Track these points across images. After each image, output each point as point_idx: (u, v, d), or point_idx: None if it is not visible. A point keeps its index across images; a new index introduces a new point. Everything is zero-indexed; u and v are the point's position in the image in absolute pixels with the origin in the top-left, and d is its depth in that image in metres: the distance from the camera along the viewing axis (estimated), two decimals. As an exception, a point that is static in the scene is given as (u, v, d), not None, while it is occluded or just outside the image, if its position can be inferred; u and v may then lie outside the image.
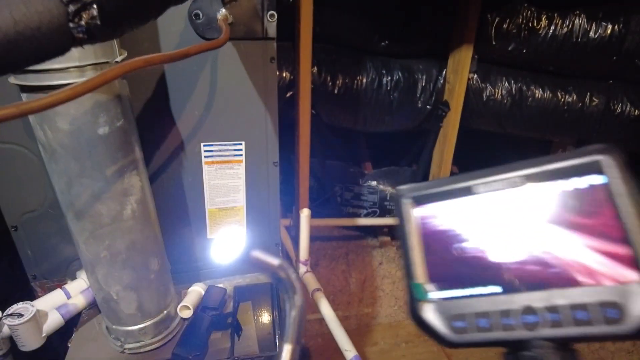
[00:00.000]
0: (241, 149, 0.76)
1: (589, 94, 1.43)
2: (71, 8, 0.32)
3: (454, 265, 0.29)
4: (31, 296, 0.80)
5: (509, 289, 0.27)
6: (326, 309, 0.92)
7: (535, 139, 1.92)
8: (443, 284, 0.30)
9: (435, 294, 0.30)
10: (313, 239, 2.06)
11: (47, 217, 0.75)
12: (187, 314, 0.77)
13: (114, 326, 0.71)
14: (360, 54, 1.49)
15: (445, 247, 0.30)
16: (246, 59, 0.70)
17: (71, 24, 0.33)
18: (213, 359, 0.74)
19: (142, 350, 0.72)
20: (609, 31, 1.30)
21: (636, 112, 1.40)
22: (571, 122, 1.48)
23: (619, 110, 1.41)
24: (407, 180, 1.83)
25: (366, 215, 1.93)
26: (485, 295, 0.28)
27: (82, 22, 0.33)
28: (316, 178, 1.89)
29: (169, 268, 0.75)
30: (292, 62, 1.39)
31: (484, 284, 0.28)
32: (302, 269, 1.03)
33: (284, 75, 1.42)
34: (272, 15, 0.68)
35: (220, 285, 0.85)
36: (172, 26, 0.66)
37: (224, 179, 0.77)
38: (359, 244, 2.11)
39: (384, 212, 1.90)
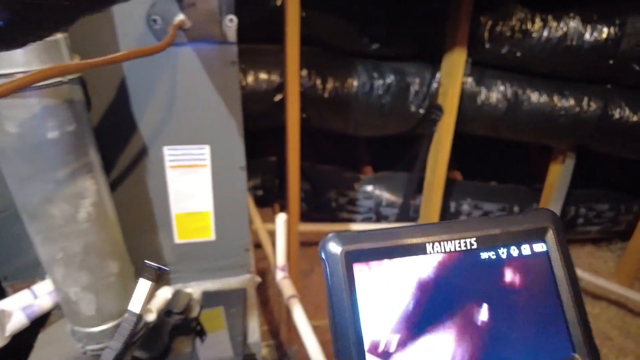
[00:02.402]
0: (205, 153, 0.76)
1: (586, 98, 1.39)
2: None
3: (397, 342, 0.25)
4: (3, 297, 0.82)
5: None
6: (299, 316, 0.91)
7: (535, 145, 1.87)
8: None
9: None
10: (310, 244, 2.05)
11: (17, 218, 0.76)
12: (150, 317, 0.77)
13: (75, 327, 0.72)
14: (350, 57, 1.48)
15: (386, 318, 0.25)
16: (206, 63, 0.70)
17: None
18: (173, 363, 0.73)
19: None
20: (604, 34, 1.26)
21: (634, 118, 1.35)
22: (568, 127, 1.44)
23: (617, 115, 1.37)
24: (403, 186, 1.81)
25: (362, 221, 1.91)
26: None
27: (-22, 30, 0.33)
28: (311, 182, 1.88)
29: (131, 271, 0.75)
30: (281, 66, 1.39)
31: None
32: (280, 274, 1.02)
33: (272, 78, 1.42)
34: (231, 20, 0.68)
35: (189, 290, 0.85)
36: (131, 31, 0.66)
37: (189, 183, 0.78)
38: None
39: (380, 218, 1.88)
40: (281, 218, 0.98)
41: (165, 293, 0.81)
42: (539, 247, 0.26)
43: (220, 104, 0.73)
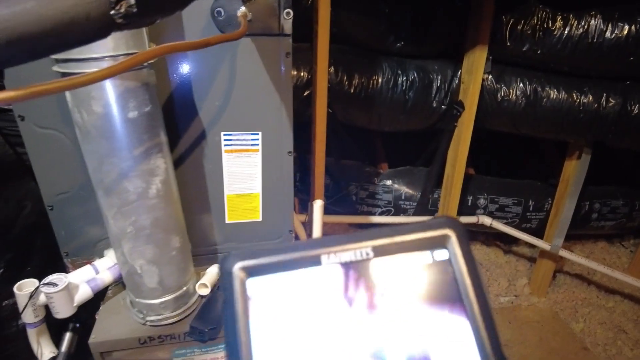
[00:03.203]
0: (258, 139, 0.81)
1: (605, 94, 1.43)
2: (113, -2, 0.37)
3: (288, 356, 0.24)
4: (65, 272, 0.87)
5: None
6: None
7: (552, 141, 1.92)
8: None
9: None
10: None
11: (78, 198, 0.82)
12: (204, 291, 0.82)
13: (137, 299, 0.77)
14: (376, 55, 1.53)
15: (279, 331, 0.24)
16: (263, 54, 0.75)
17: (112, 12, 0.38)
18: (227, 334, 0.78)
19: (162, 323, 0.78)
20: (625, 31, 1.30)
21: (653, 113, 1.39)
22: (587, 123, 1.48)
23: (636, 111, 1.41)
24: (422, 180, 1.85)
25: (381, 214, 1.96)
26: None
27: (122, 10, 0.38)
28: (331, 177, 1.93)
29: (189, 247, 0.80)
30: (309, 63, 1.44)
31: None
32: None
33: (302, 75, 1.47)
34: (288, 13, 0.73)
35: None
36: (196, 23, 0.72)
37: (242, 166, 0.83)
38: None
39: (398, 211, 1.92)
40: (317, 203, 1.03)
41: (216, 269, 0.87)
42: (441, 255, 0.25)
43: (274, 93, 0.78)
